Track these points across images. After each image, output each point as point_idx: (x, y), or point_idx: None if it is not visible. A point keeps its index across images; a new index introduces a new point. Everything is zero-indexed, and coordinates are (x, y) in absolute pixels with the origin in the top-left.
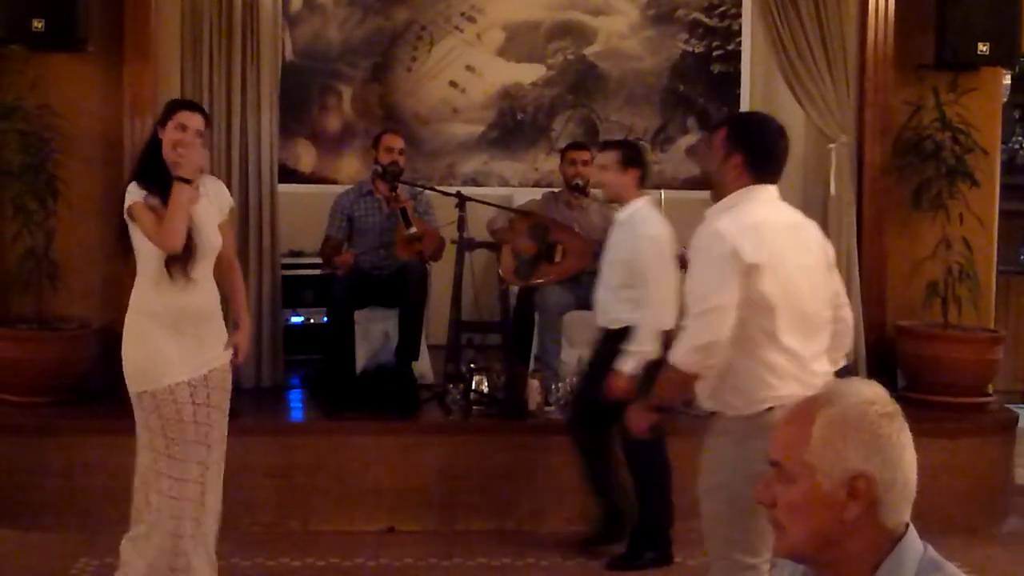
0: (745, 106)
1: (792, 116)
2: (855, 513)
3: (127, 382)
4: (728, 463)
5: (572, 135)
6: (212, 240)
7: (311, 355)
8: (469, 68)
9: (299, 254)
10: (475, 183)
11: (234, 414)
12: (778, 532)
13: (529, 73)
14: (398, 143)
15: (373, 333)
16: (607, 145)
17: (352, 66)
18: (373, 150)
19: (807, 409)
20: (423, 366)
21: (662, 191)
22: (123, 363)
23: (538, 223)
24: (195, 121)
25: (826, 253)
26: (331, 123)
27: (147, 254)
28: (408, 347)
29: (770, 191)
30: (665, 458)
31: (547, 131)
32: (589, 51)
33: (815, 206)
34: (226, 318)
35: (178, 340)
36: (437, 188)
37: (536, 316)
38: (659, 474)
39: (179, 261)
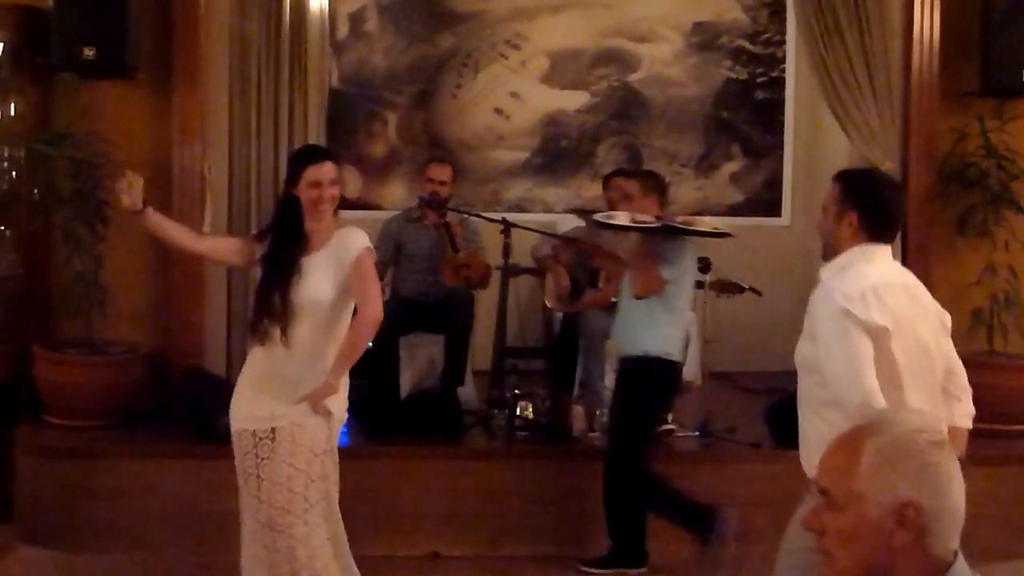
0: (789, 133)
1: (836, 143)
2: (904, 541)
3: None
4: None
5: (616, 162)
6: (315, 296)
7: (356, 379)
8: (513, 95)
9: None
10: (519, 209)
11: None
12: (827, 560)
13: (573, 100)
14: (441, 174)
15: (419, 358)
16: (627, 174)
17: (397, 93)
18: (420, 177)
19: (856, 437)
20: (468, 392)
21: (706, 218)
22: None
23: (583, 250)
24: (327, 173)
25: (941, 320)
26: (376, 149)
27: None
28: (453, 373)
29: (885, 251)
30: (646, 472)
31: (591, 157)
32: (633, 78)
33: None
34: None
35: (253, 391)
36: (483, 215)
37: (580, 342)
38: (638, 489)
39: (261, 322)
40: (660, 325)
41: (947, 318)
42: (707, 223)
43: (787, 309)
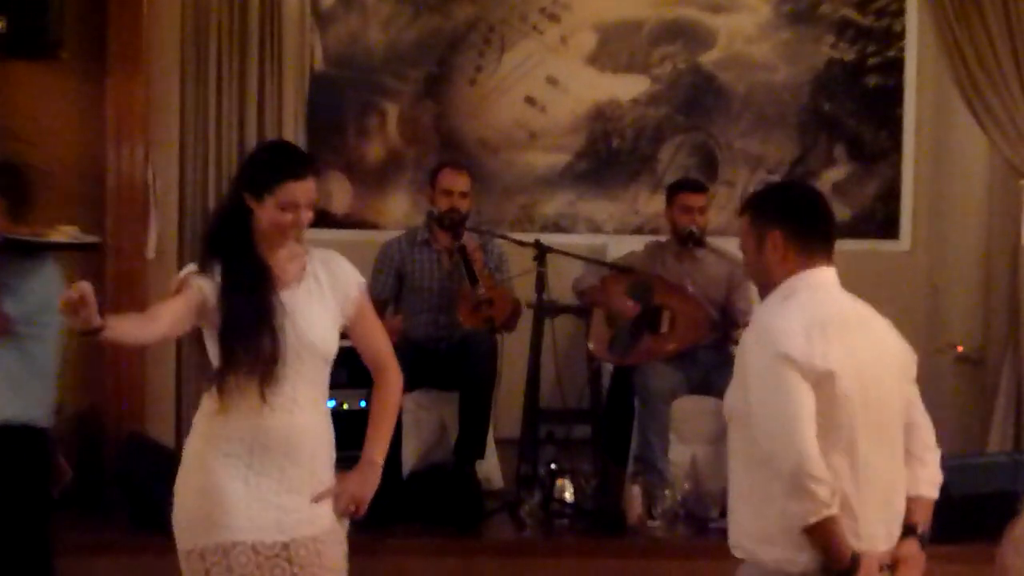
0: (910, 130)
1: (972, 143)
2: None
3: (175, 532)
4: None
5: (684, 168)
6: (318, 343)
7: (345, 451)
8: (551, 80)
9: None
10: (558, 229)
11: None
12: None
13: (628, 87)
14: (460, 183)
15: (426, 423)
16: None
17: (400, 78)
18: (429, 188)
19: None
20: (490, 467)
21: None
22: (174, 504)
23: (640, 282)
24: (308, 192)
25: (904, 361)
26: (372, 151)
27: (216, 359)
28: (471, 442)
29: (829, 275)
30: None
31: (651, 162)
32: (706, 59)
33: (1001, 256)
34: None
35: (247, 483)
36: (510, 236)
37: (636, 403)
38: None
39: (253, 373)
40: (17, 382)
41: (912, 359)
42: (67, 231)
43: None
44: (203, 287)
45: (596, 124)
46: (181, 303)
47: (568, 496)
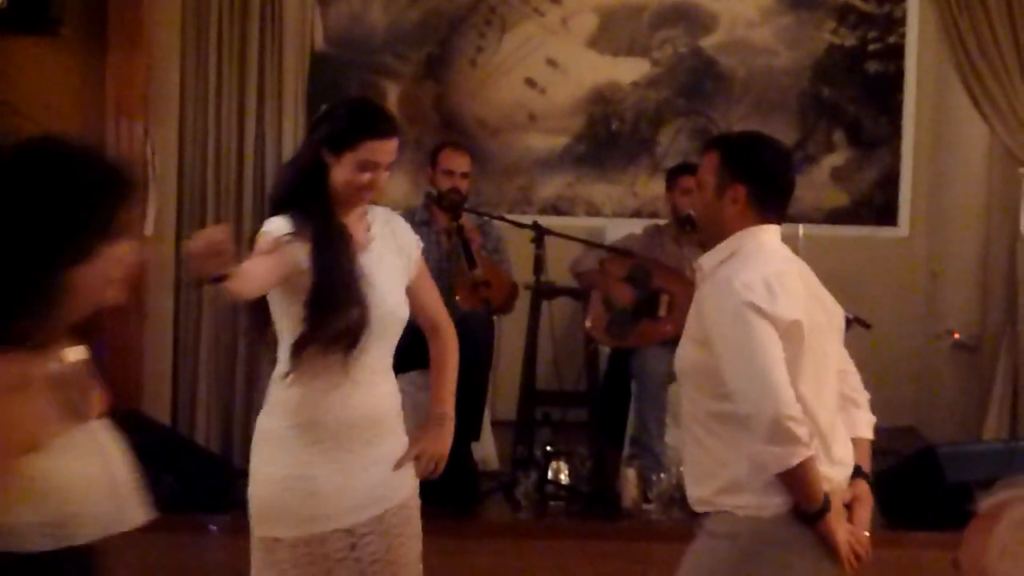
0: (910, 117)
1: (972, 131)
2: None
3: (253, 516)
4: None
5: (683, 152)
6: (395, 309)
7: None
8: (551, 62)
9: None
10: (556, 211)
11: (240, 507)
12: None
13: (629, 70)
14: (461, 163)
15: (421, 404)
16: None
17: (400, 58)
18: (429, 168)
19: (998, 505)
20: (485, 448)
21: (800, 226)
22: (249, 491)
23: (638, 265)
24: (389, 153)
25: (837, 313)
26: None
27: (290, 326)
28: (466, 424)
29: (776, 232)
30: None
31: (651, 145)
32: (707, 42)
33: (1000, 247)
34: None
35: (337, 464)
36: (508, 218)
37: (633, 386)
38: None
39: (339, 343)
40: None
41: (842, 314)
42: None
43: (905, 345)
44: (297, 251)
45: (596, 107)
46: (275, 263)
47: (564, 478)
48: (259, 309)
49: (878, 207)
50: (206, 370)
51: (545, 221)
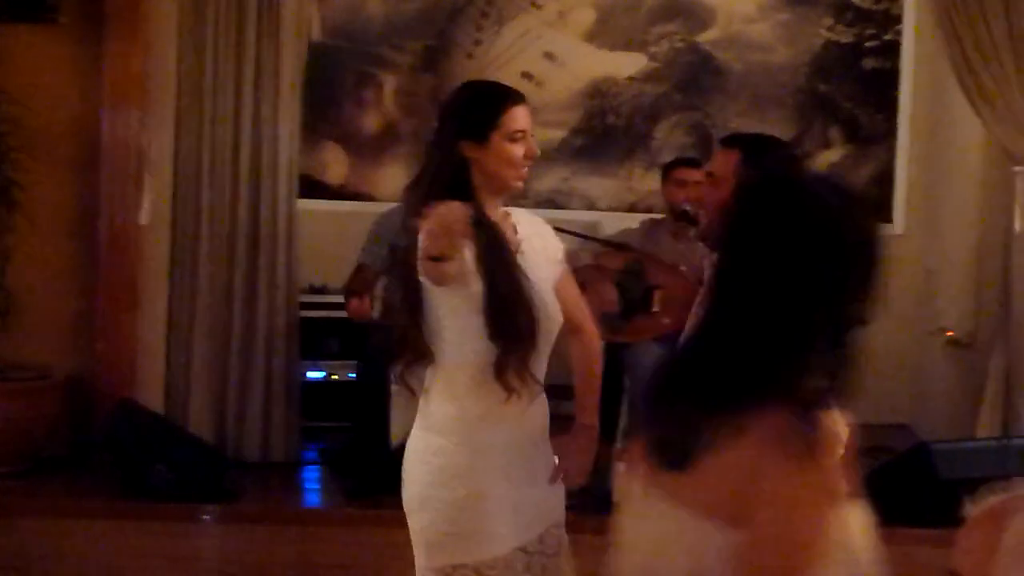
0: (905, 114)
1: (967, 129)
2: None
3: (424, 548)
4: None
5: (680, 146)
6: (553, 314)
7: (335, 422)
8: (548, 56)
9: (322, 290)
10: (552, 205)
11: (232, 495)
12: None
13: (626, 64)
14: None
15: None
16: (695, 164)
17: (398, 50)
18: None
19: (1000, 510)
20: None
21: None
22: (414, 520)
23: (633, 260)
24: (528, 116)
25: None
26: (368, 122)
27: (459, 335)
28: None
29: None
30: None
31: (647, 140)
32: (704, 38)
33: (994, 246)
34: None
35: (508, 481)
36: None
37: (626, 380)
38: None
39: (514, 351)
40: None
41: None
42: None
43: (898, 345)
44: (464, 251)
45: (592, 101)
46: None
47: None
48: (411, 314)
49: (873, 204)
50: (199, 359)
51: (540, 215)
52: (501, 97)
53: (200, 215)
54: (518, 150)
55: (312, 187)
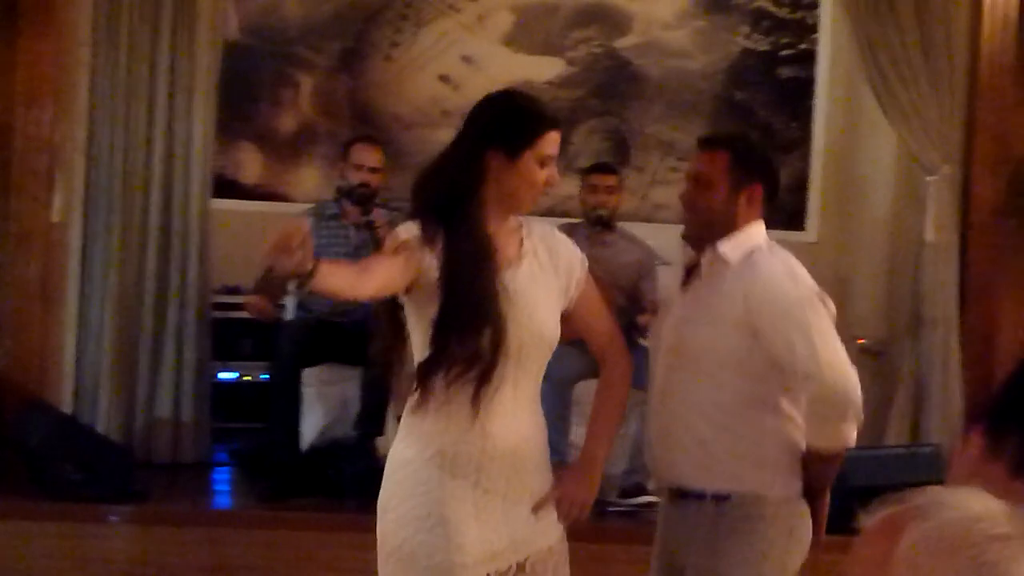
0: (820, 121)
1: (879, 138)
2: None
3: (380, 554)
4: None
5: (596, 152)
6: (542, 331)
7: (246, 423)
8: (466, 59)
9: (235, 291)
10: None
11: (142, 496)
12: None
13: (543, 69)
14: (372, 158)
15: (328, 397)
16: (611, 170)
17: (315, 50)
18: (341, 161)
19: (895, 520)
20: (390, 443)
21: None
22: (380, 527)
23: None
24: (556, 145)
25: None
26: (284, 123)
27: (420, 346)
28: (372, 417)
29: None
30: None
31: (564, 145)
32: (622, 44)
33: (905, 255)
34: None
35: (476, 504)
36: None
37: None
38: None
39: (471, 368)
40: None
41: None
42: None
43: None
44: (424, 258)
45: None
46: (397, 267)
47: None
48: (393, 323)
49: (787, 212)
50: (109, 359)
51: None
52: (543, 118)
53: (112, 213)
54: (542, 175)
55: (227, 187)
